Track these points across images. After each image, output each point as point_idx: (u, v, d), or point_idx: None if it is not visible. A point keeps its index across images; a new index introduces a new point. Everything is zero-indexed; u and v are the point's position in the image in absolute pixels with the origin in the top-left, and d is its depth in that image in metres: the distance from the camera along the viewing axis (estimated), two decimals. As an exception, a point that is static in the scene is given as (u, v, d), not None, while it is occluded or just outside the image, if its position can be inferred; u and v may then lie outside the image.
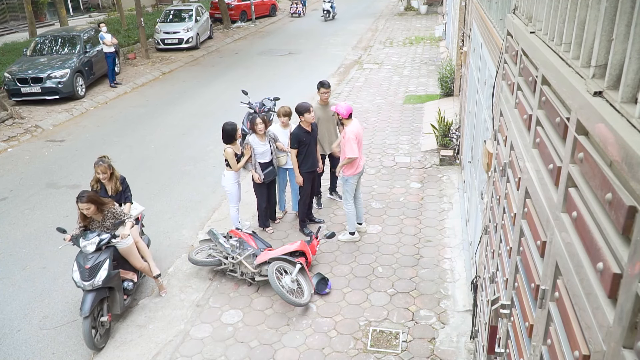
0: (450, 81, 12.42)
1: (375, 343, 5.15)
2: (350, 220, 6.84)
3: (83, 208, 5.31)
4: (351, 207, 6.77)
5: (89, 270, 5.17)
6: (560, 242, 1.61)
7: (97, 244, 5.28)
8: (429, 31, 22.50)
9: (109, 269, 5.28)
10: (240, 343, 5.26)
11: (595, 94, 1.46)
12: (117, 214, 5.53)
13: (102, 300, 5.32)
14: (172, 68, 17.85)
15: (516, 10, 3.28)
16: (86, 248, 5.27)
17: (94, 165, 5.90)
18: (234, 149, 6.70)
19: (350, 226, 6.87)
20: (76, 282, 5.21)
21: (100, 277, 5.19)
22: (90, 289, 5.17)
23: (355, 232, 6.92)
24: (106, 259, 5.30)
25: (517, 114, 2.66)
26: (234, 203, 6.94)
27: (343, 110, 6.49)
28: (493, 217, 3.32)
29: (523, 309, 2.10)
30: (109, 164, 5.91)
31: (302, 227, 7.20)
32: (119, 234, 5.49)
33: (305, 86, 14.86)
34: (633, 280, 1.07)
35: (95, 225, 5.53)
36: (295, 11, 29.11)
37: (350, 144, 6.42)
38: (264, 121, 6.83)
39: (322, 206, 7.87)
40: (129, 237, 5.58)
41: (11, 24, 28.75)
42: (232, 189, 6.84)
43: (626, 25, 1.34)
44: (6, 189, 9.03)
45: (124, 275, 5.71)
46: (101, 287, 5.22)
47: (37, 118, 12.69)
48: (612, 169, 1.29)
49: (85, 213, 5.37)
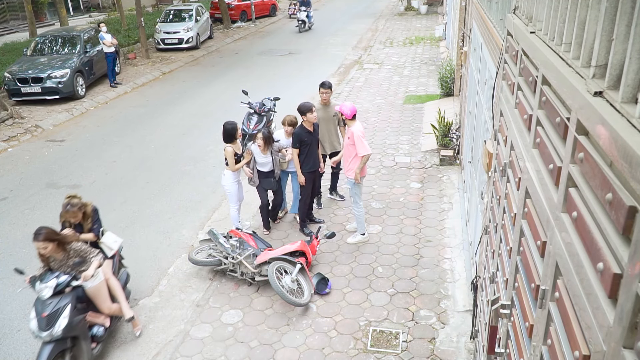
0: (451, 81, 12.41)
1: (375, 343, 5.15)
2: (360, 222, 6.85)
3: (40, 247, 4.64)
4: (361, 209, 6.76)
5: (47, 318, 4.48)
6: (560, 242, 1.61)
7: (53, 287, 4.58)
8: (429, 31, 22.50)
9: (70, 316, 4.58)
10: (240, 343, 5.26)
11: (596, 94, 1.46)
12: (82, 252, 4.90)
13: (63, 351, 4.60)
14: (172, 68, 17.85)
15: (516, 10, 3.28)
16: (42, 293, 4.58)
17: (63, 210, 5.23)
18: (234, 148, 6.70)
19: (361, 227, 6.88)
20: (33, 331, 4.52)
21: (60, 326, 4.50)
22: (49, 340, 4.49)
23: (366, 233, 6.95)
24: (67, 304, 4.61)
25: (517, 114, 2.66)
26: (234, 202, 6.94)
27: (347, 111, 6.41)
28: (493, 217, 3.32)
29: (523, 309, 2.10)
30: (79, 205, 5.24)
31: (303, 227, 7.20)
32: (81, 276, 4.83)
33: (306, 86, 14.85)
34: (633, 280, 1.07)
35: (56, 265, 4.85)
36: (293, 12, 27.99)
37: (361, 143, 6.39)
38: (265, 139, 6.70)
39: (322, 206, 7.87)
40: (94, 277, 4.95)
41: (11, 23, 28.76)
42: (231, 188, 6.83)
43: (626, 25, 1.34)
44: (6, 189, 9.03)
45: (93, 319, 5.02)
46: (61, 337, 4.54)
47: (37, 118, 12.69)
48: (612, 169, 1.28)
49: (42, 252, 4.70)
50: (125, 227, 7.62)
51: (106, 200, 8.46)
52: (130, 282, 6.17)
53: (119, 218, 7.89)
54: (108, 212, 8.10)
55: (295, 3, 28.68)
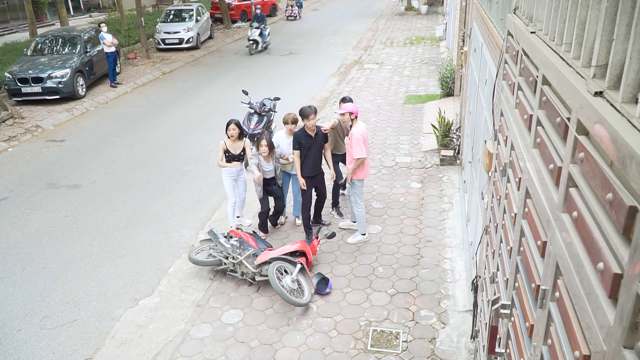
0: (451, 81, 12.41)
1: (375, 343, 5.15)
2: (361, 222, 6.85)
3: None
4: (362, 209, 6.77)
5: None
6: (560, 242, 1.61)
7: None
8: (430, 31, 22.50)
9: None
10: (240, 343, 5.26)
11: (596, 94, 1.46)
12: None
13: None
14: (172, 68, 17.85)
15: (517, 10, 3.28)
16: None
17: None
18: (228, 143, 6.76)
19: (362, 228, 6.89)
20: None
21: None
22: None
23: (366, 233, 6.95)
24: None
25: (517, 114, 2.66)
26: (229, 197, 7.05)
27: (355, 109, 6.55)
28: (493, 217, 3.32)
29: (523, 309, 2.10)
30: None
31: (307, 233, 6.97)
32: None
33: (306, 86, 14.87)
34: (633, 280, 1.07)
35: None
36: (290, 14, 28.34)
37: (357, 145, 6.40)
38: (269, 145, 6.70)
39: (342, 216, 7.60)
40: None
41: (12, 23, 28.76)
42: (224, 181, 6.97)
43: (626, 25, 1.34)
44: (6, 189, 9.03)
45: None
46: None
47: (38, 118, 12.69)
48: (612, 169, 1.28)
49: None
50: (126, 227, 7.63)
51: (106, 200, 8.47)
52: (130, 282, 6.17)
53: (119, 218, 7.89)
54: (108, 211, 8.11)
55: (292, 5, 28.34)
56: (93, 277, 6.49)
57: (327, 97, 13.85)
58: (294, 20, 28.11)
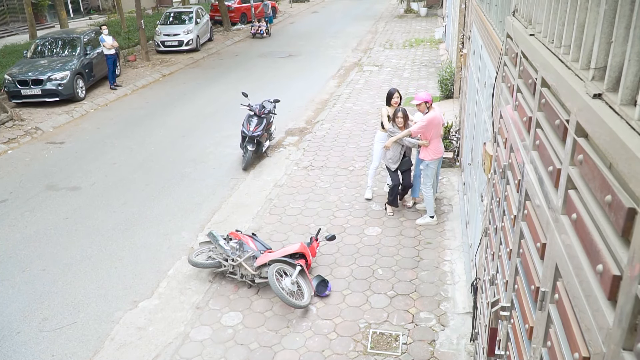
0: (450, 83, 12.42)
1: (375, 345, 5.14)
2: (429, 205, 7.23)
3: None
4: (430, 191, 7.17)
5: None
6: (560, 244, 1.62)
7: None
8: (429, 33, 22.52)
9: None
10: (240, 345, 5.26)
11: (595, 96, 1.46)
12: None
13: None
14: (172, 70, 17.86)
15: (516, 13, 3.29)
16: None
17: None
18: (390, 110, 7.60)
19: (430, 210, 7.25)
20: None
21: None
22: None
23: (435, 216, 7.27)
24: None
25: (517, 116, 2.66)
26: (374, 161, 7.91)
27: (428, 97, 7.14)
28: (493, 219, 3.32)
29: (523, 311, 2.10)
30: None
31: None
32: None
33: (305, 88, 14.88)
34: (633, 282, 1.07)
35: None
36: (257, 31, 23.77)
37: (421, 122, 6.99)
38: (405, 116, 7.25)
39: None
40: None
41: (11, 26, 28.75)
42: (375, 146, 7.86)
43: (625, 27, 1.35)
44: (6, 191, 9.03)
45: None
46: None
47: (37, 120, 12.70)
48: (611, 171, 1.29)
49: None
50: (125, 229, 7.62)
51: (106, 202, 8.47)
52: (129, 284, 6.16)
53: (118, 220, 7.89)
54: (108, 214, 8.10)
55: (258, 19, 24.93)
56: (92, 279, 6.49)
57: (327, 99, 13.85)
58: (261, 38, 23.73)
